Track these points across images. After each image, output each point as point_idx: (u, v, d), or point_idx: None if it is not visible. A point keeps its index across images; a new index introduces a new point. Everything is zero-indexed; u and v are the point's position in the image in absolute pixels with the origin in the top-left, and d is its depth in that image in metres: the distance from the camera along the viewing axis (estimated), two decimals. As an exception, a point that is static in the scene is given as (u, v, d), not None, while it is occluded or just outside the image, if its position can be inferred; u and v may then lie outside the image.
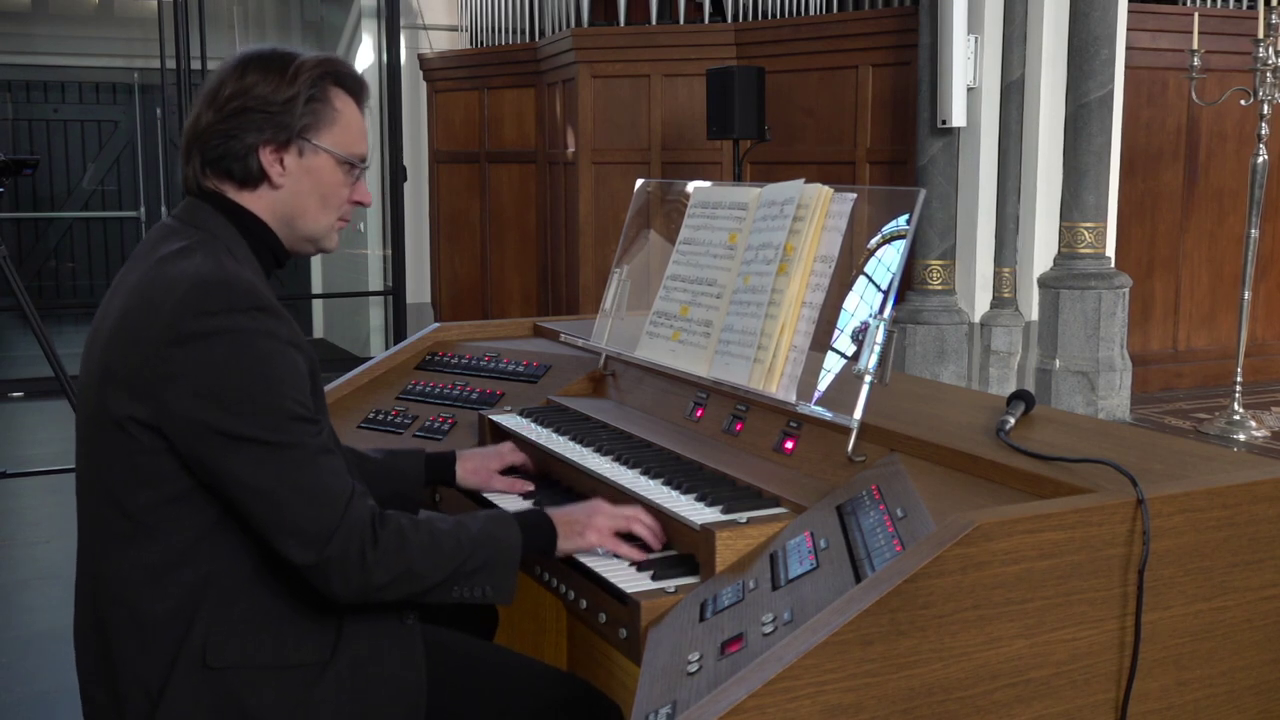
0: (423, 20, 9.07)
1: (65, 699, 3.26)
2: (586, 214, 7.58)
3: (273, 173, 1.74)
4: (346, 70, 1.80)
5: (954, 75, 6.06)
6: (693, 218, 2.39)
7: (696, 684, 1.39)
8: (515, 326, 3.07)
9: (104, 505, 1.64)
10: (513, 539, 1.76)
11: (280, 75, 1.72)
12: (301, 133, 1.74)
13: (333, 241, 1.84)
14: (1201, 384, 7.16)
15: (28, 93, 10.96)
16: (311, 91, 1.74)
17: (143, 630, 1.62)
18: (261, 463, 1.57)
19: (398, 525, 1.66)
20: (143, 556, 1.62)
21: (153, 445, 1.59)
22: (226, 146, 1.72)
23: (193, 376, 1.56)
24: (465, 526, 1.73)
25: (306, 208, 1.78)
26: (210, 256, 1.65)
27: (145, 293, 1.63)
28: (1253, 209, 5.99)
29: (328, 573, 1.59)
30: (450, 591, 1.70)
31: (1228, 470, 1.60)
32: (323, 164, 1.76)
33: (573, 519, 1.85)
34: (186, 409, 1.56)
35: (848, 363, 1.91)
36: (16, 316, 9.18)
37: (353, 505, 1.61)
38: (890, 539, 1.51)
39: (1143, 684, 1.47)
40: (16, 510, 5.14)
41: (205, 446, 1.57)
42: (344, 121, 1.78)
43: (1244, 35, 6.53)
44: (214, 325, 1.57)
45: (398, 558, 1.63)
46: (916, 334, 6.32)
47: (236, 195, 1.75)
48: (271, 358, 1.60)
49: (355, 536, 1.60)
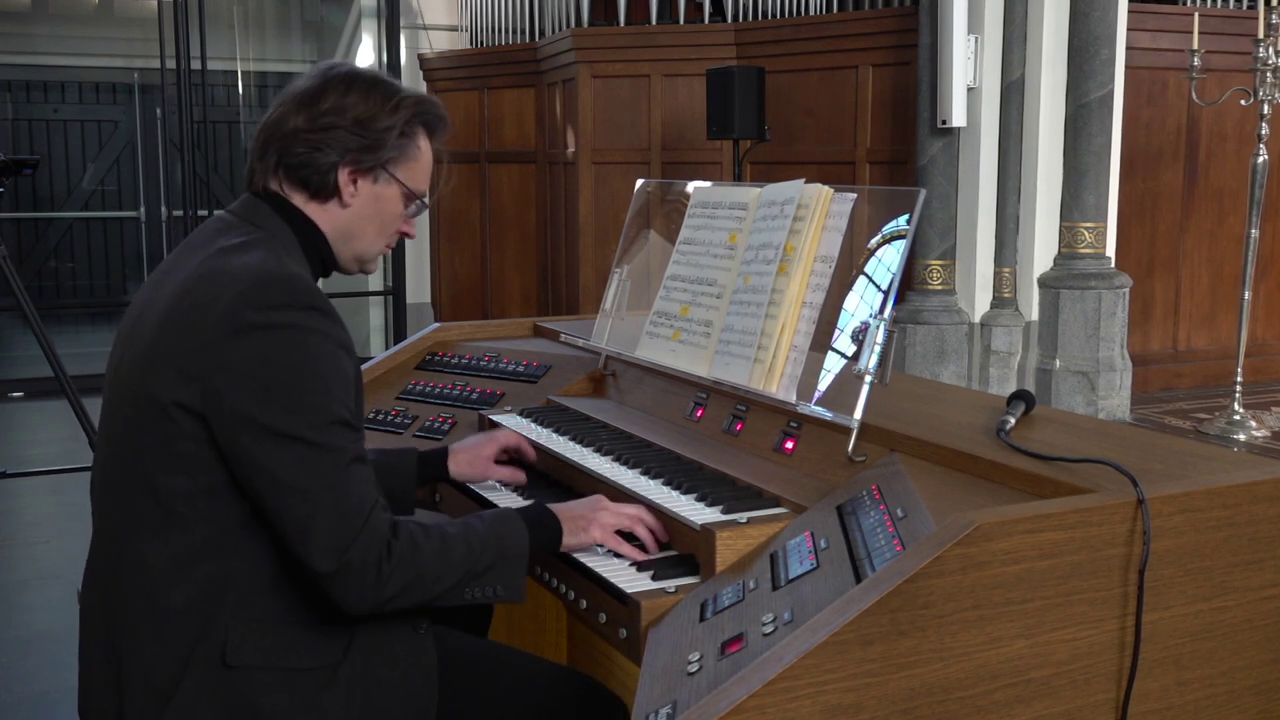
0: (423, 20, 9.07)
1: (65, 699, 3.25)
2: (586, 214, 7.58)
3: (346, 192, 1.79)
4: (440, 115, 1.88)
5: (954, 75, 6.06)
6: (693, 218, 2.39)
7: (696, 684, 1.39)
8: (515, 326, 3.07)
9: (136, 491, 1.64)
10: (519, 537, 1.77)
11: (383, 104, 1.79)
12: (386, 164, 1.80)
13: (375, 265, 1.92)
14: (1201, 384, 7.16)
15: (28, 93, 10.95)
16: (405, 128, 1.81)
17: (158, 621, 1.62)
18: (301, 461, 1.58)
19: (410, 535, 1.66)
20: (168, 546, 1.62)
21: (194, 433, 1.60)
22: (310, 157, 1.76)
23: (247, 367, 1.57)
24: (473, 528, 1.74)
25: (366, 230, 1.84)
26: (272, 253, 1.69)
27: (205, 281, 1.64)
28: (1253, 209, 5.99)
29: (345, 582, 1.59)
30: (462, 593, 1.71)
31: (1228, 470, 1.60)
32: (392, 194, 1.83)
33: (576, 514, 1.86)
34: (235, 399, 1.57)
35: (848, 363, 1.91)
36: (16, 316, 9.18)
37: (374, 516, 1.62)
38: (890, 539, 1.51)
39: (1143, 684, 1.47)
40: (16, 510, 5.14)
41: (248, 438, 1.57)
42: (422, 161, 1.86)
43: (1244, 35, 6.53)
44: (274, 319, 1.59)
45: (410, 568, 1.64)
46: (916, 334, 6.32)
47: (305, 204, 1.79)
48: (325, 358, 1.62)
49: (373, 548, 1.60)
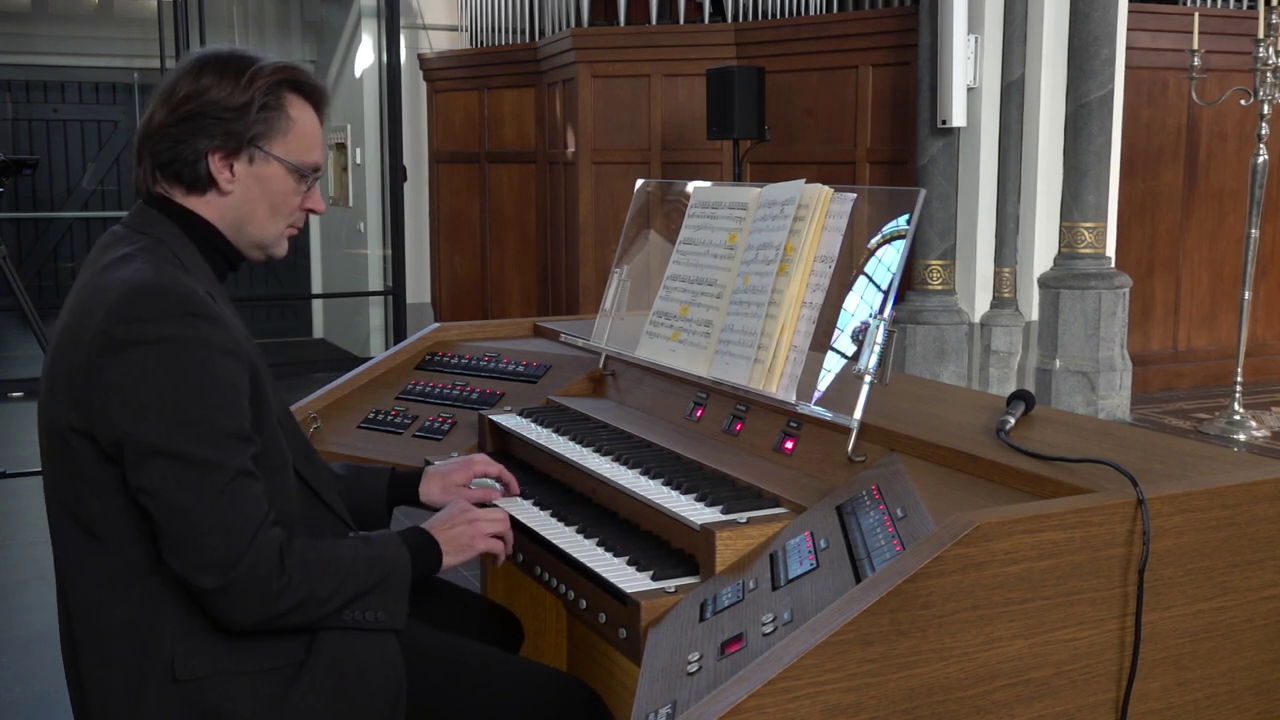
0: (423, 20, 9.07)
1: (65, 699, 3.23)
2: (586, 214, 7.58)
3: (221, 179, 1.72)
4: (305, 78, 1.77)
5: (954, 75, 6.06)
6: (693, 218, 2.39)
7: (696, 684, 1.39)
8: (515, 326, 3.07)
9: (61, 516, 1.64)
10: (403, 562, 1.73)
11: (235, 80, 1.69)
12: (253, 141, 1.71)
13: (282, 248, 1.81)
14: (1201, 384, 7.16)
15: (28, 93, 10.95)
16: (266, 99, 1.71)
17: (103, 641, 1.61)
18: (179, 479, 1.53)
19: (302, 554, 1.61)
20: (100, 568, 1.60)
21: (92, 455, 1.57)
22: (176, 151, 1.70)
23: (122, 385, 1.53)
24: (361, 550, 1.70)
25: (255, 215, 1.75)
26: (149, 263, 1.62)
27: (85, 301, 1.61)
28: (1253, 209, 5.99)
29: (230, 599, 1.55)
30: (342, 615, 1.66)
31: (1228, 470, 1.59)
32: (273, 172, 1.74)
33: (454, 533, 1.84)
34: (112, 418, 1.53)
35: (848, 363, 1.91)
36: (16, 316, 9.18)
37: (262, 533, 1.57)
38: (890, 539, 1.51)
39: (1143, 684, 1.47)
40: (16, 510, 5.14)
41: (128, 457, 1.54)
42: (298, 130, 1.75)
43: (1244, 35, 6.53)
44: (145, 333, 1.54)
45: (303, 586, 1.59)
46: (916, 334, 6.32)
47: (185, 199, 1.73)
48: (204, 367, 1.56)
49: (262, 564, 1.56)
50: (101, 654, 1.61)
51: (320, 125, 1.80)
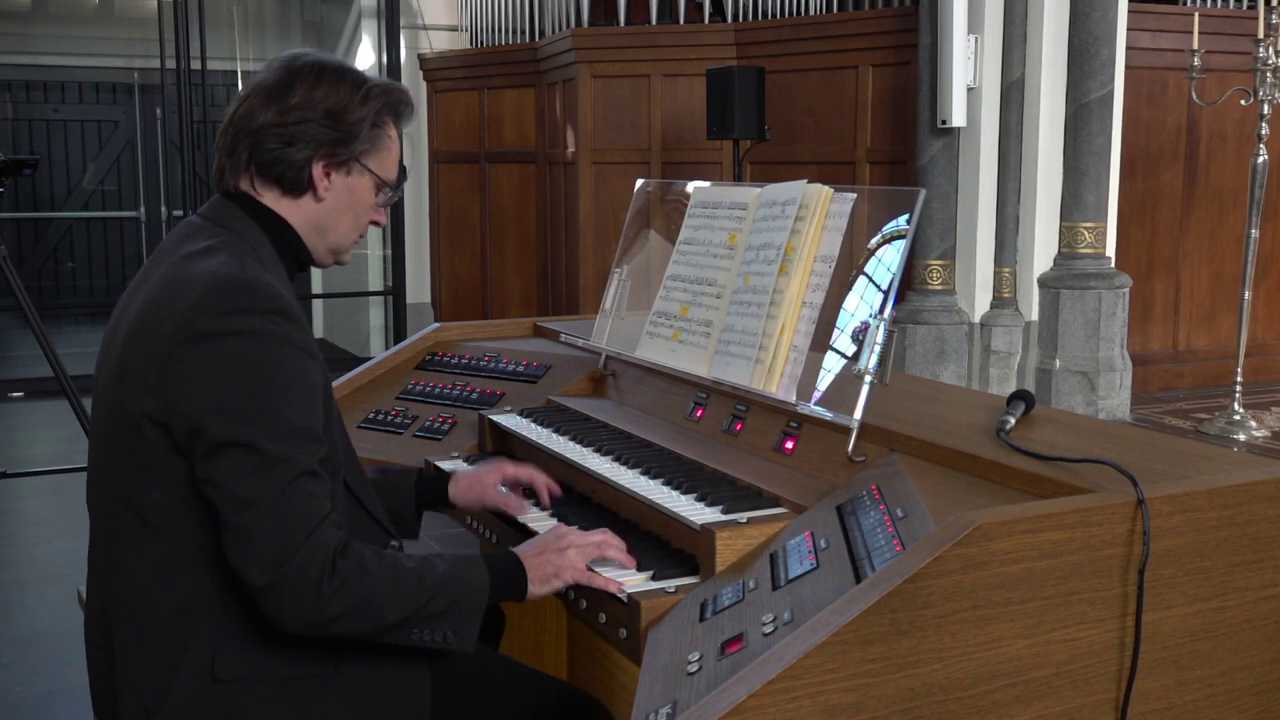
0: (423, 20, 9.06)
1: (65, 699, 3.26)
2: (586, 214, 7.58)
3: (320, 186, 1.76)
4: (407, 102, 1.84)
5: (954, 75, 6.06)
6: (693, 218, 2.39)
7: (696, 684, 1.39)
8: (515, 326, 3.07)
9: (116, 502, 1.64)
10: (479, 584, 1.67)
11: (353, 95, 1.75)
12: (359, 155, 1.77)
13: (350, 255, 1.89)
14: (1201, 384, 7.16)
15: (28, 93, 10.95)
16: (376, 118, 1.77)
17: (144, 629, 1.62)
18: (246, 470, 1.53)
19: (360, 557, 1.58)
20: (150, 555, 1.61)
21: (163, 444, 1.58)
22: (283, 152, 1.73)
23: (203, 377, 1.55)
24: (431, 566, 1.64)
25: (340, 222, 1.81)
26: (234, 257, 1.65)
27: (166, 290, 1.62)
28: (1253, 209, 5.99)
29: (281, 596, 1.52)
30: (410, 633, 1.61)
31: (1228, 470, 1.60)
32: (365, 185, 1.80)
33: (544, 560, 1.75)
34: (190, 409, 1.55)
35: (848, 363, 1.91)
36: (16, 316, 9.17)
37: (319, 532, 1.55)
38: (890, 539, 1.51)
39: (1143, 684, 1.47)
40: (16, 510, 5.14)
41: (200, 447, 1.55)
42: (392, 150, 1.83)
43: (1244, 35, 6.53)
44: (231, 326, 1.56)
45: (356, 589, 1.56)
46: (916, 334, 6.32)
47: (275, 200, 1.76)
48: (284, 363, 1.58)
49: (314, 564, 1.53)
50: (141, 641, 1.61)
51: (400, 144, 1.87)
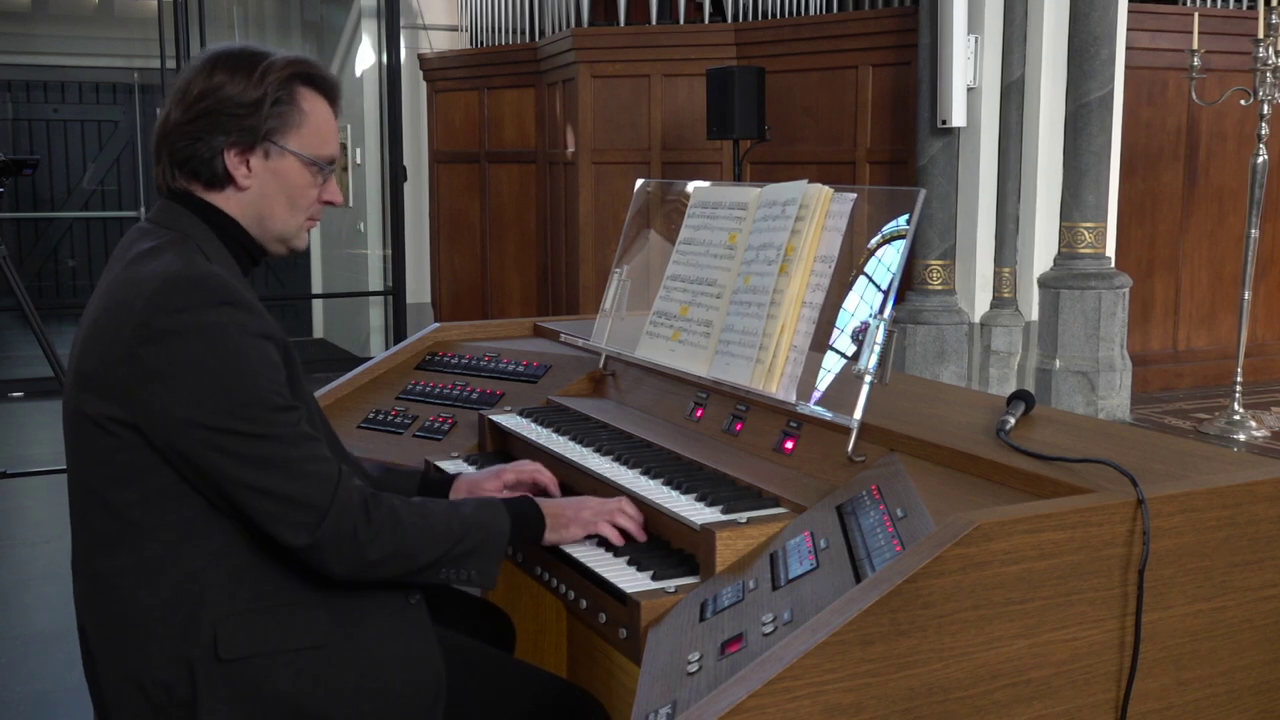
0: (423, 20, 9.07)
1: (65, 699, 3.26)
2: (586, 214, 7.58)
3: (238, 175, 1.74)
4: (316, 70, 1.79)
5: (954, 75, 6.06)
6: (693, 218, 2.39)
7: (696, 684, 1.39)
8: (515, 326, 3.07)
9: (91, 506, 1.65)
10: (502, 525, 1.80)
11: (247, 76, 1.71)
12: (267, 135, 1.73)
13: (302, 241, 1.84)
14: (1201, 384, 7.16)
15: (28, 93, 10.96)
16: (279, 93, 1.73)
17: (138, 626, 1.62)
18: (245, 455, 1.59)
19: (391, 505, 1.69)
20: (134, 554, 1.62)
21: (132, 441, 1.60)
22: (193, 149, 1.72)
23: (168, 374, 1.57)
24: (457, 509, 1.77)
25: (274, 209, 1.78)
26: (180, 255, 1.66)
27: (116, 294, 1.63)
28: (1253, 209, 5.99)
29: (323, 552, 1.63)
30: (439, 572, 1.74)
31: (1228, 470, 1.60)
32: (289, 166, 1.76)
33: (560, 511, 1.89)
34: (165, 407, 1.57)
35: (848, 363, 1.91)
36: (16, 316, 9.18)
37: (341, 486, 1.64)
38: (890, 539, 1.51)
39: (1143, 684, 1.47)
40: (16, 510, 5.14)
41: (188, 442, 1.58)
42: (312, 123, 1.77)
43: (1244, 35, 6.53)
44: (185, 322, 1.58)
45: (391, 536, 1.67)
46: (916, 334, 6.32)
47: (206, 195, 1.75)
48: (244, 350, 1.60)
49: (348, 516, 1.63)
50: (138, 639, 1.62)
51: (334, 117, 1.82)
